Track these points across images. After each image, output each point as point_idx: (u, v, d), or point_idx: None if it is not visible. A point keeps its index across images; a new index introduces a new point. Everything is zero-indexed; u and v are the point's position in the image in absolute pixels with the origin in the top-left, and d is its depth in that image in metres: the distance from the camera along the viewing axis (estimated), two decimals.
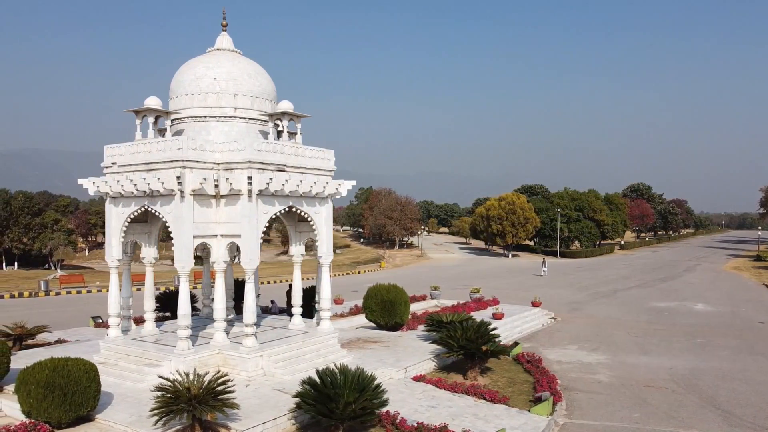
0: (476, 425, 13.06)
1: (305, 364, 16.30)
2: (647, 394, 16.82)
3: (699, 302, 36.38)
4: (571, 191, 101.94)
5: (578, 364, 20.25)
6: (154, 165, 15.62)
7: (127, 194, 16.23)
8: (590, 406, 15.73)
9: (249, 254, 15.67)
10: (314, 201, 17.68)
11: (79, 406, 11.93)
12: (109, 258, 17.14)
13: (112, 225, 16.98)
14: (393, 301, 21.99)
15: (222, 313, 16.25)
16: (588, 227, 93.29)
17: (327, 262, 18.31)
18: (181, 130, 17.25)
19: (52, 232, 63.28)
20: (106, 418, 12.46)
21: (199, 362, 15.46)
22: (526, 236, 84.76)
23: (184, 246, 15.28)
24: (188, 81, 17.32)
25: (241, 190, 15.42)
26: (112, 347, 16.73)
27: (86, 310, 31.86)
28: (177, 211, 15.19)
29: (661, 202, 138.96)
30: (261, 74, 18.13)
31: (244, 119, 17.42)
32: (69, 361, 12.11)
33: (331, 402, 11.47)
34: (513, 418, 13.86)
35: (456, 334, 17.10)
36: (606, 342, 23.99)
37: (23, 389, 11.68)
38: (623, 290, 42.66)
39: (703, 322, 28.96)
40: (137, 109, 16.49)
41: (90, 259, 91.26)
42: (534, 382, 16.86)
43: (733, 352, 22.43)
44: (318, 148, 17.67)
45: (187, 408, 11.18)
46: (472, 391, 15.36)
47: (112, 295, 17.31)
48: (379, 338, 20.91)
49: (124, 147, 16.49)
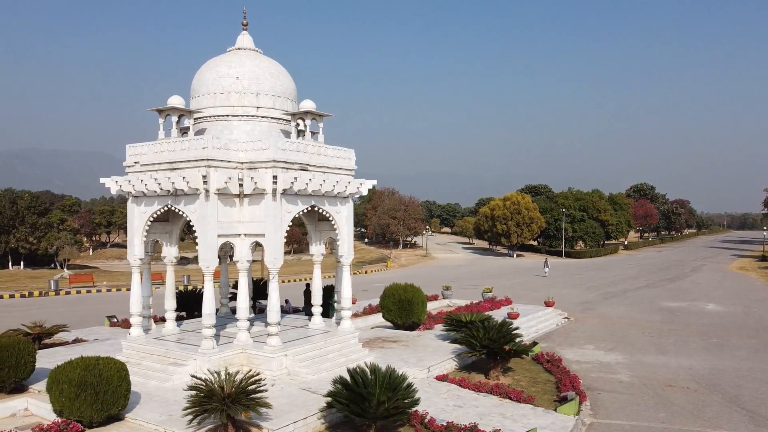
0: (504, 425, 13.03)
1: (329, 363, 16.29)
2: (670, 394, 16.80)
3: (710, 302, 36.34)
4: (575, 191, 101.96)
5: (597, 364, 20.23)
6: (178, 164, 15.61)
7: (150, 193, 16.22)
8: (614, 406, 15.70)
9: (273, 253, 15.66)
10: (335, 200, 17.67)
11: (111, 405, 11.91)
12: (131, 257, 17.14)
13: (134, 224, 16.97)
14: (411, 300, 21.98)
15: (245, 312, 16.23)
16: (592, 227, 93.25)
17: (348, 261, 18.30)
18: (204, 129, 17.23)
19: (58, 232, 63.26)
20: (136, 417, 12.44)
21: (224, 361, 15.44)
22: (531, 236, 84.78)
23: (209, 245, 15.27)
24: (210, 80, 17.31)
25: (265, 190, 15.41)
26: (134, 346, 16.72)
27: (99, 309, 31.90)
28: (202, 210, 15.18)
29: (665, 203, 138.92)
30: (282, 73, 18.13)
31: (266, 118, 17.41)
32: (100, 360, 12.09)
33: (364, 401, 11.45)
34: (540, 417, 13.84)
35: (478, 334, 17.09)
36: (622, 342, 23.97)
37: (55, 388, 11.66)
38: (633, 290, 42.62)
39: (716, 322, 28.92)
40: (160, 108, 16.48)
41: (94, 258, 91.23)
42: (556, 382, 16.84)
43: (750, 352, 22.39)
44: (339, 148, 17.66)
45: (221, 407, 11.16)
46: (497, 391, 15.34)
47: (134, 294, 17.33)
48: (397, 338, 20.90)
49: (147, 146, 16.48)
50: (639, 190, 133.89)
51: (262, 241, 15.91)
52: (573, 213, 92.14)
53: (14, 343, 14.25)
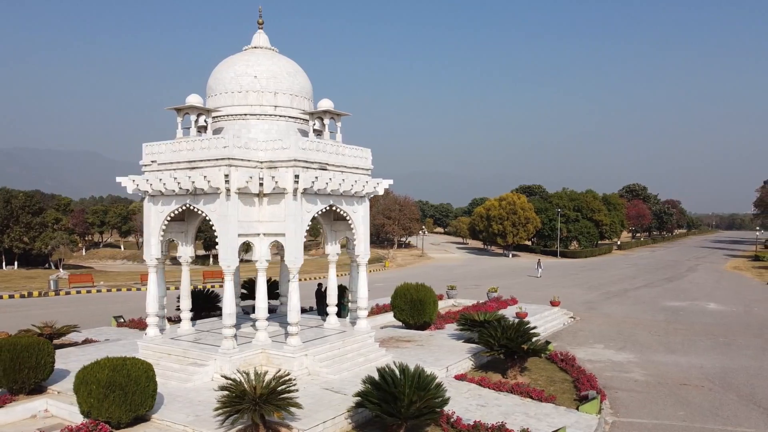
0: (530, 424, 13.07)
1: (348, 363, 16.27)
2: (685, 393, 16.92)
3: (710, 302, 36.66)
4: (569, 191, 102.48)
5: (609, 363, 20.34)
6: (198, 163, 15.53)
7: (168, 192, 16.12)
8: (633, 405, 15.80)
9: (294, 253, 15.62)
10: (352, 200, 17.64)
11: (139, 405, 11.83)
12: (148, 257, 17.04)
13: (150, 224, 16.85)
14: (423, 300, 22.00)
15: (264, 312, 16.16)
16: (587, 227, 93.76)
17: (364, 261, 18.28)
18: (221, 128, 17.15)
19: (53, 231, 62.65)
20: (163, 418, 12.35)
21: (244, 362, 15.39)
22: (526, 236, 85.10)
23: (230, 244, 15.20)
24: (228, 79, 17.22)
25: (286, 189, 15.36)
26: (151, 346, 16.60)
27: (102, 309, 31.65)
28: (222, 209, 15.10)
29: (656, 203, 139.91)
30: (299, 73, 18.08)
31: (284, 117, 17.35)
32: (127, 361, 12.00)
33: (396, 401, 11.44)
34: (563, 416, 13.89)
35: (496, 334, 17.11)
36: (631, 341, 24.11)
37: (83, 389, 11.55)
38: (633, 290, 42.89)
39: (720, 322, 29.17)
40: (179, 106, 16.37)
41: (87, 258, 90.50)
42: (573, 381, 16.92)
43: (758, 351, 22.60)
44: (356, 147, 17.64)
45: (253, 407, 11.11)
46: (518, 390, 15.38)
47: (151, 294, 17.24)
48: (410, 337, 20.90)
49: (164, 145, 16.37)
50: (631, 191, 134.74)
51: (282, 241, 15.86)
52: (568, 213, 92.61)
53: (34, 343, 14.12)
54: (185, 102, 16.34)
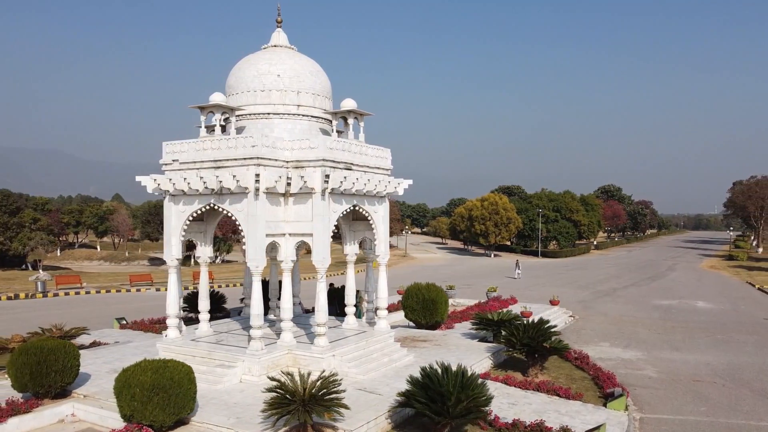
0: (564, 421, 13.22)
1: (375, 363, 16.26)
2: (701, 389, 17.34)
3: (698, 300, 37.59)
4: (548, 192, 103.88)
5: (620, 361, 20.70)
6: (224, 162, 15.35)
7: (191, 192, 15.89)
8: (655, 401, 16.13)
9: (321, 253, 15.54)
10: (374, 200, 17.63)
11: (181, 408, 11.65)
12: (168, 257, 16.76)
13: (171, 223, 16.58)
14: (434, 300, 22.11)
15: (290, 313, 16.04)
16: (566, 227, 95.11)
17: (384, 261, 18.28)
18: (243, 126, 16.97)
19: (30, 232, 60.98)
20: (203, 420, 12.17)
21: (272, 362, 15.28)
22: (509, 236, 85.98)
23: (258, 244, 15.06)
24: (250, 77, 17.05)
25: (314, 189, 15.27)
26: (172, 348, 16.33)
27: (97, 311, 31.00)
28: (251, 209, 14.95)
29: (630, 204, 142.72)
30: (320, 72, 18.00)
31: (306, 117, 17.25)
32: (168, 363, 11.80)
33: (443, 400, 11.48)
34: (593, 413, 14.09)
35: (518, 332, 17.29)
36: (634, 339, 24.59)
37: (126, 392, 11.30)
38: (621, 289, 43.71)
39: (713, 320, 29.93)
40: (202, 105, 16.14)
41: (62, 259, 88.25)
42: (592, 379, 17.19)
43: (757, 347, 23.26)
44: (378, 147, 17.65)
45: (303, 408, 11.03)
46: (544, 388, 15.56)
47: (172, 295, 16.97)
48: (425, 337, 20.96)
49: (187, 144, 16.14)
50: (606, 191, 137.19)
51: (309, 241, 15.77)
52: (547, 213, 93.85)
53: (60, 346, 13.77)
54: (208, 101, 16.13)
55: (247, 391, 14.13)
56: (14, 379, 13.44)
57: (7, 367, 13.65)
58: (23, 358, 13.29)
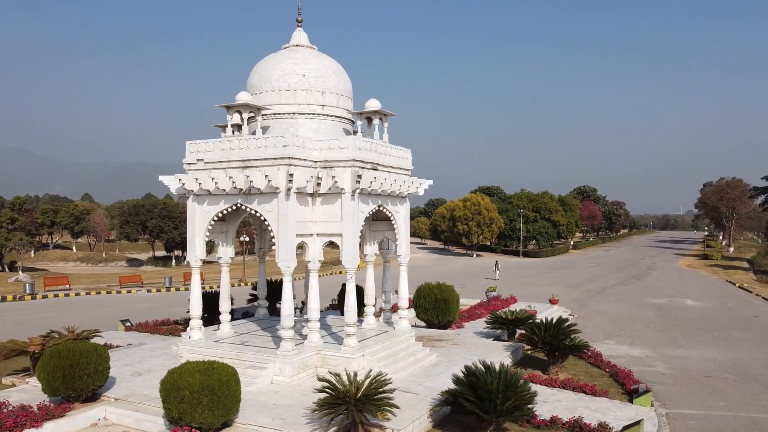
0: (596, 417, 13.46)
1: (402, 362, 16.33)
2: (714, 384, 17.83)
3: (686, 298, 38.54)
4: (527, 193, 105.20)
5: (630, 358, 21.14)
6: (253, 162, 15.26)
7: (217, 192, 15.75)
8: (675, 397, 16.53)
9: (351, 253, 15.56)
10: (396, 200, 17.71)
11: (229, 410, 11.56)
12: (192, 257, 16.56)
13: (195, 223, 16.41)
14: (447, 299, 22.28)
15: (317, 313, 16.01)
16: (545, 227, 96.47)
17: (405, 261, 18.37)
18: (267, 126, 16.87)
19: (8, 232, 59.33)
20: (247, 422, 12.08)
21: (302, 363, 15.24)
22: (491, 236, 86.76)
23: (288, 245, 15.00)
24: (275, 77, 16.96)
25: (344, 189, 15.27)
26: (197, 350, 16.15)
27: (93, 313, 30.37)
28: (282, 209, 14.88)
29: (605, 204, 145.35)
30: (343, 72, 18.00)
31: (330, 117, 17.24)
32: (214, 364, 11.69)
33: (492, 398, 11.62)
34: (622, 410, 14.39)
35: (540, 331, 17.54)
36: (637, 336, 25.13)
37: (175, 394, 11.14)
38: (610, 288, 44.53)
39: (705, 317, 30.74)
40: (229, 104, 16.00)
41: (37, 260, 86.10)
42: (611, 376, 17.52)
43: (754, 344, 23.99)
44: (400, 147, 17.73)
45: (354, 408, 11.05)
46: (570, 385, 15.82)
47: (195, 296, 16.80)
48: (440, 336, 21.10)
49: (212, 143, 15.99)
50: (582, 192, 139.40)
51: (337, 241, 15.77)
52: (527, 213, 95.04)
53: (91, 349, 13.53)
54: (235, 100, 16.02)
55: (282, 392, 14.07)
56: (45, 382, 13.16)
57: (38, 370, 13.35)
58: (55, 361, 13.02)
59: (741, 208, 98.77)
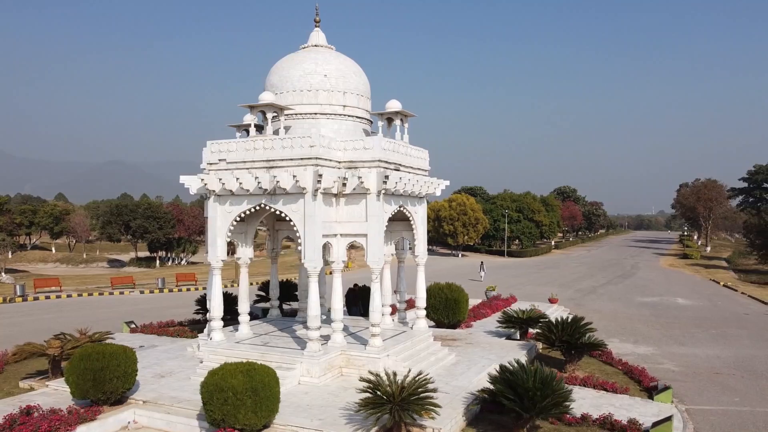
0: (622, 414, 13.71)
1: (425, 362, 16.40)
2: (724, 381, 18.27)
3: (677, 297, 39.34)
4: (510, 193, 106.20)
5: (637, 356, 21.52)
6: (278, 162, 15.22)
7: (240, 192, 15.65)
8: (690, 393, 16.90)
9: (376, 253, 15.59)
10: (415, 200, 17.81)
11: (271, 411, 11.54)
12: (213, 258, 16.44)
13: (216, 224, 16.28)
14: (457, 299, 22.44)
15: (341, 314, 16.01)
16: (528, 228, 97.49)
17: (423, 261, 18.49)
18: (288, 126, 16.83)
19: None
20: (286, 423, 12.04)
21: (328, 363, 15.23)
22: (477, 237, 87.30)
23: (315, 245, 14.99)
24: (296, 77, 16.92)
25: (369, 189, 15.31)
26: (219, 351, 16.04)
27: (87, 315, 29.85)
28: (309, 209, 14.87)
29: (585, 204, 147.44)
30: (362, 72, 18.04)
31: (351, 117, 17.27)
32: (254, 366, 11.65)
33: (531, 396, 11.77)
34: (645, 406, 14.67)
35: (557, 330, 17.79)
36: (638, 335, 25.60)
37: (218, 396, 11.05)
38: (600, 287, 45.22)
39: (699, 315, 31.45)
40: (253, 104, 15.92)
41: (15, 261, 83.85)
42: (625, 373, 17.83)
43: (752, 340, 24.63)
44: (418, 148, 17.82)
45: (398, 408, 11.11)
46: (590, 383, 16.08)
47: (217, 297, 16.67)
48: (452, 336, 21.23)
49: (235, 143, 15.89)
50: (562, 193, 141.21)
51: (362, 241, 15.80)
52: (511, 213, 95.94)
53: (120, 351, 13.35)
54: (258, 100, 15.94)
55: (312, 393, 14.05)
56: (75, 385, 12.95)
57: (66, 373, 13.13)
58: (85, 363, 12.83)
59: (718, 209, 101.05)
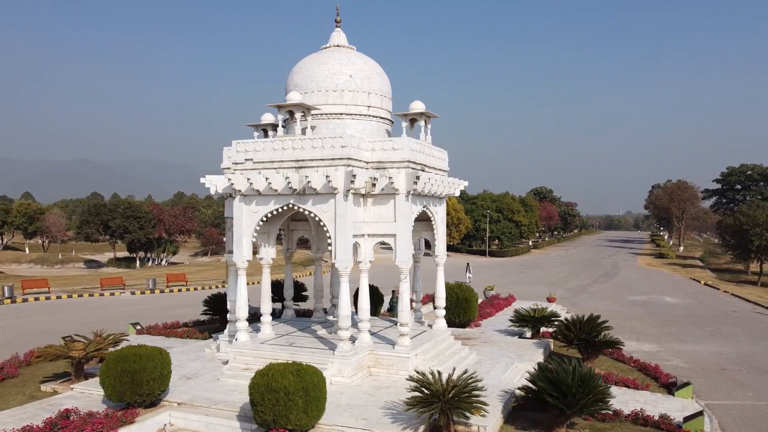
0: (649, 410, 14.05)
1: (450, 361, 16.54)
2: (733, 377, 18.86)
3: (664, 296, 40.36)
4: (489, 194, 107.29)
5: (644, 353, 22.01)
6: (308, 162, 15.20)
7: (268, 192, 15.59)
8: (704, 389, 17.39)
9: (405, 253, 15.69)
10: (436, 200, 17.95)
11: (320, 411, 11.55)
12: (239, 258, 16.34)
13: (242, 224, 16.17)
14: (467, 299, 22.69)
15: (367, 314, 16.05)
16: (508, 228, 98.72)
17: (443, 261, 18.64)
18: (313, 126, 16.79)
19: None
20: (331, 423, 12.03)
21: (358, 363, 15.27)
22: (459, 237, 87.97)
23: (346, 246, 15.02)
24: (322, 77, 16.91)
25: (398, 190, 15.39)
26: (246, 352, 15.94)
27: (84, 316, 29.24)
28: (340, 209, 14.89)
29: (561, 205, 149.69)
30: (384, 73, 18.11)
31: (375, 118, 17.33)
32: (302, 366, 11.64)
33: (572, 393, 12.01)
34: (668, 402, 15.07)
35: (574, 328, 18.13)
36: (640, 333, 26.21)
37: (269, 397, 10.99)
38: (588, 286, 46.09)
39: (690, 313, 32.32)
40: (281, 104, 15.87)
41: None
42: (640, 370, 18.26)
43: (748, 337, 25.45)
44: (439, 149, 17.97)
45: (445, 407, 11.25)
46: (612, 380, 16.40)
47: (242, 298, 16.56)
48: (465, 335, 21.42)
49: (262, 143, 15.82)
50: (539, 193, 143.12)
51: (390, 241, 15.88)
52: (491, 214, 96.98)
53: (155, 353, 13.18)
54: (285, 100, 15.90)
55: (347, 393, 14.08)
56: (111, 388, 12.73)
57: (102, 375, 12.88)
58: (122, 365, 12.62)
59: (690, 209, 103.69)
